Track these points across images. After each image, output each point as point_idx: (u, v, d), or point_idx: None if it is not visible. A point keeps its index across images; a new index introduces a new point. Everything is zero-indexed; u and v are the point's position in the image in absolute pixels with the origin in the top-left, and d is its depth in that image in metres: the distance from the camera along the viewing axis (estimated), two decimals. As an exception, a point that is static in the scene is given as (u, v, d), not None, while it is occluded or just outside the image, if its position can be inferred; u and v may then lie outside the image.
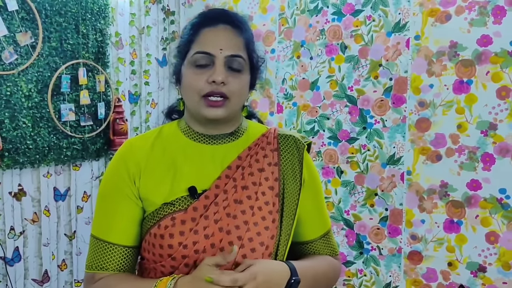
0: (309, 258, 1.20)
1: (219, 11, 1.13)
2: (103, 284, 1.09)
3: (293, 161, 1.18)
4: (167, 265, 1.06)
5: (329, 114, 2.63)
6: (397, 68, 2.44)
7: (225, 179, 1.11)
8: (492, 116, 2.22)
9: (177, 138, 1.16)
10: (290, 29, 2.73)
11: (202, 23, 1.10)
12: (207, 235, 1.05)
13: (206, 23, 1.09)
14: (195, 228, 1.05)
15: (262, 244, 1.07)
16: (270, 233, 1.08)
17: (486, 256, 2.26)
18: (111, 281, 1.09)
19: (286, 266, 1.06)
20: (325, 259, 1.22)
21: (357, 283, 2.60)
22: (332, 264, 1.23)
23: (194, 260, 1.04)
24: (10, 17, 2.08)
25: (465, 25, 2.26)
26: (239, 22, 1.11)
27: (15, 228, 2.17)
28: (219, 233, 1.06)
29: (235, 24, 1.10)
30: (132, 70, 2.78)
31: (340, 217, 2.62)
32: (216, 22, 1.09)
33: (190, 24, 1.12)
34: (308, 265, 1.12)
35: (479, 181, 2.26)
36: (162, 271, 1.07)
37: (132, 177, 1.11)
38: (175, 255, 1.04)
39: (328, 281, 1.21)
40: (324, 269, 1.19)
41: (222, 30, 1.08)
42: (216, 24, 1.09)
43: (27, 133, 2.17)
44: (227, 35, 1.08)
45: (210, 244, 1.05)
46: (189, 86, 1.08)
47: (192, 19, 1.13)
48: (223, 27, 1.09)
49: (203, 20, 1.10)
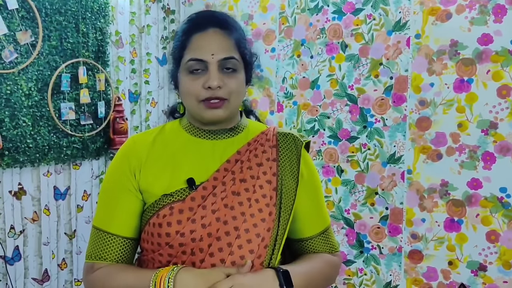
0: (305, 259, 1.21)
1: (207, 14, 1.16)
2: (102, 273, 1.12)
3: (291, 157, 1.21)
4: (164, 254, 1.09)
5: (330, 113, 2.63)
6: (398, 67, 2.43)
7: (223, 172, 1.14)
8: (492, 115, 2.22)
9: (179, 134, 1.20)
10: (291, 28, 2.73)
11: (192, 28, 1.12)
12: (204, 224, 1.07)
13: (196, 29, 1.12)
14: (192, 217, 1.08)
15: (258, 236, 1.09)
16: (266, 225, 1.10)
17: (487, 255, 2.26)
18: (110, 270, 1.12)
19: (274, 275, 1.06)
20: (322, 257, 1.23)
21: (358, 282, 2.60)
22: (329, 262, 1.24)
23: (191, 248, 1.07)
24: (10, 16, 2.08)
25: (466, 24, 2.26)
26: (227, 23, 1.13)
27: (15, 227, 2.17)
28: (216, 223, 1.08)
29: (224, 26, 1.12)
30: (132, 69, 2.78)
31: (340, 216, 2.62)
32: (205, 26, 1.11)
33: (181, 30, 1.15)
34: (302, 267, 1.13)
35: (480, 180, 2.26)
36: (160, 260, 1.10)
37: (133, 171, 1.15)
38: (173, 243, 1.07)
39: (325, 280, 1.22)
40: (320, 269, 1.20)
41: (212, 34, 1.11)
42: (205, 29, 1.11)
43: (27, 132, 2.17)
44: (218, 38, 1.10)
45: (207, 233, 1.07)
46: (187, 92, 1.12)
47: (182, 25, 1.16)
48: (213, 30, 1.11)
49: (193, 25, 1.13)
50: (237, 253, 1.07)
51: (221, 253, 1.06)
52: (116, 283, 1.09)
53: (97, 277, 1.13)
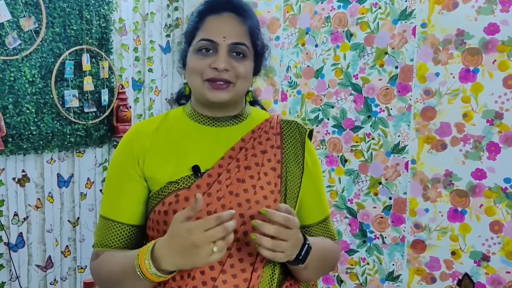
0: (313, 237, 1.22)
1: None
2: (101, 259, 1.14)
3: (296, 145, 1.21)
4: None
5: (334, 102, 2.62)
6: (403, 56, 2.42)
7: (228, 159, 1.14)
8: (498, 105, 2.21)
9: (183, 121, 1.20)
10: (295, 16, 2.71)
11: (207, 10, 1.13)
12: (210, 211, 1.07)
13: (211, 11, 1.12)
14: None
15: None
16: None
17: (490, 246, 2.26)
18: (107, 255, 1.13)
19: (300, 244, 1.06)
20: (326, 239, 1.25)
21: (360, 271, 2.61)
22: (333, 245, 1.26)
23: None
24: (14, 2, 2.06)
25: (472, 13, 2.23)
26: (243, 10, 1.14)
27: (18, 214, 2.17)
28: (221, 210, 1.07)
29: (239, 12, 1.13)
30: (136, 56, 2.77)
31: (344, 205, 2.62)
32: (220, 10, 1.12)
33: (196, 11, 1.15)
34: (314, 240, 1.14)
35: (484, 171, 2.25)
36: None
37: (136, 158, 1.15)
38: None
39: (331, 260, 1.25)
40: (327, 246, 1.22)
41: (226, 18, 1.11)
42: (220, 12, 1.12)
43: (30, 119, 2.16)
44: (231, 23, 1.11)
45: None
46: (192, 69, 1.11)
47: (198, 6, 1.16)
48: (228, 15, 1.12)
49: (208, 7, 1.13)
50: (242, 240, 1.07)
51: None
52: (109, 268, 1.10)
53: (97, 263, 1.14)
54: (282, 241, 0.98)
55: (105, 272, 1.11)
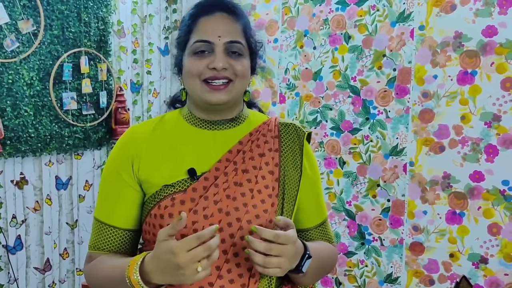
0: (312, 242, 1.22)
1: None
2: (93, 264, 1.14)
3: (294, 148, 1.20)
4: None
5: (332, 104, 2.62)
6: (401, 59, 2.42)
7: (225, 162, 1.13)
8: (496, 107, 2.21)
9: (179, 124, 1.19)
10: (294, 18, 2.71)
11: (199, 12, 1.13)
12: (206, 215, 1.07)
13: (203, 12, 1.12)
14: (194, 209, 1.07)
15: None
16: (268, 216, 1.10)
17: (488, 248, 2.26)
18: (99, 260, 1.13)
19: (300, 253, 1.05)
20: (325, 243, 1.25)
21: (358, 273, 2.61)
22: (331, 249, 1.25)
23: None
24: (12, 4, 2.06)
25: (470, 16, 2.24)
26: (234, 8, 1.14)
27: (17, 217, 2.17)
28: (218, 214, 1.07)
29: (231, 11, 1.13)
30: (134, 59, 2.77)
31: (342, 207, 2.62)
32: (212, 11, 1.12)
33: (188, 14, 1.15)
34: (314, 246, 1.13)
35: (482, 173, 2.25)
36: None
37: (131, 161, 1.14)
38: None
39: (330, 264, 1.25)
40: (327, 252, 1.22)
41: (219, 18, 1.12)
42: (212, 13, 1.12)
43: (29, 122, 2.16)
44: (225, 22, 1.11)
45: (209, 225, 1.05)
46: (190, 72, 1.11)
47: (189, 10, 1.16)
48: (220, 14, 1.12)
49: (200, 9, 1.13)
50: (239, 244, 1.06)
51: (223, 244, 1.06)
52: (101, 275, 1.09)
53: (90, 269, 1.14)
54: (274, 257, 0.96)
55: (96, 279, 1.11)
